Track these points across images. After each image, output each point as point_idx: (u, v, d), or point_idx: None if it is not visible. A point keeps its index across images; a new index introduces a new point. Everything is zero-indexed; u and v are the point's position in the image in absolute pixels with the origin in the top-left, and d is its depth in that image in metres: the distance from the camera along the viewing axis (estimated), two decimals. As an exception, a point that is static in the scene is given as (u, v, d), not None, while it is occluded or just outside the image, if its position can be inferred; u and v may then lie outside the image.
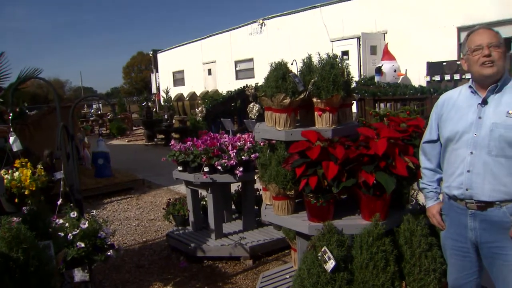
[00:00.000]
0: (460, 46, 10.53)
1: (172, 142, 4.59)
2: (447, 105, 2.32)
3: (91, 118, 21.16)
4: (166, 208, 5.18)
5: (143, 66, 51.46)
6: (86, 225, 2.89)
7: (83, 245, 2.74)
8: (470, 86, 2.23)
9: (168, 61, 24.44)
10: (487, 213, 2.13)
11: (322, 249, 2.49)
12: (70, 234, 2.82)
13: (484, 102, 2.14)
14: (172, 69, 24.07)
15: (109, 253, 2.93)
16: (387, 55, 11.77)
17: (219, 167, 4.13)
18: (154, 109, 19.98)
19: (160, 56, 25.52)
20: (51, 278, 2.22)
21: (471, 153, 2.13)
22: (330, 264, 2.44)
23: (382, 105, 9.20)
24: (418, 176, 2.63)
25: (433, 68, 10.57)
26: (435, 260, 2.56)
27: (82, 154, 7.50)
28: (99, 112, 22.38)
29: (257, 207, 4.76)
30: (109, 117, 19.55)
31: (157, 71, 25.87)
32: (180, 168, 4.48)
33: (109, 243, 2.89)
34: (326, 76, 2.65)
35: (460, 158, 2.18)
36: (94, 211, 3.13)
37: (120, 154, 12.03)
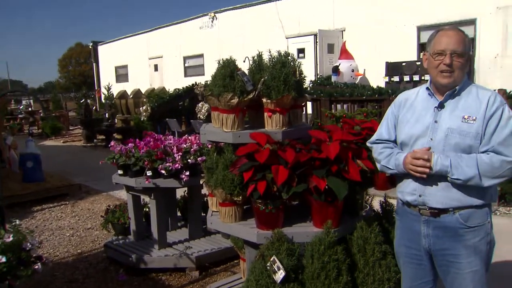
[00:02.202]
0: (420, 46, 11.01)
1: (112, 143, 4.48)
2: (403, 107, 2.37)
3: (20, 116, 20.22)
4: (104, 215, 5.04)
5: (82, 59, 49.91)
6: (11, 238, 2.74)
7: (4, 259, 2.60)
8: (427, 88, 2.29)
9: (110, 55, 23.84)
10: (441, 220, 2.19)
11: (271, 259, 2.51)
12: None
13: (441, 106, 2.20)
14: (115, 64, 23.51)
15: (36, 267, 2.81)
16: (345, 54, 12.03)
17: (163, 171, 4.07)
18: (94, 107, 19.43)
19: (101, 49, 24.85)
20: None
21: None
22: (280, 275, 2.46)
23: (338, 106, 9.42)
24: (376, 182, 2.70)
25: (392, 68, 10.95)
26: (390, 269, 2.62)
27: (8, 155, 7.16)
28: (29, 109, 21.42)
29: (204, 214, 4.72)
30: (41, 114, 18.80)
31: (97, 65, 25.16)
32: (120, 172, 4.38)
33: (35, 255, 2.77)
34: (277, 75, 2.67)
35: None
36: (17, 220, 2.98)
37: (54, 156, 11.61)
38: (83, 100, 17.79)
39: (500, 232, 4.91)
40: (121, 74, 23.20)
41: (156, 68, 20.38)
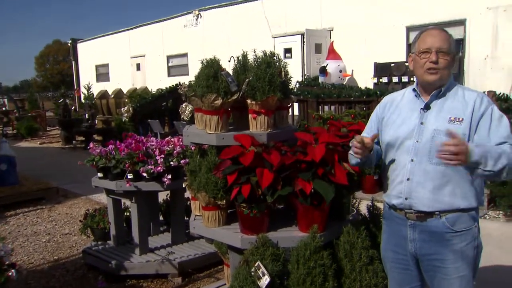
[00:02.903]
0: (409, 46, 11.13)
1: (91, 145, 4.44)
2: (389, 108, 2.40)
3: (-7, 116, 19.95)
4: (83, 220, 4.99)
5: (60, 57, 49.40)
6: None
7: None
8: (414, 89, 2.32)
9: (90, 53, 23.64)
10: (427, 224, 2.22)
11: (256, 264, 2.51)
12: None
13: (427, 107, 2.23)
14: (95, 62, 23.33)
15: (10, 274, 2.78)
16: (333, 54, 12.12)
17: (145, 174, 4.06)
18: (73, 107, 19.24)
19: (81, 47, 24.64)
20: None
21: (412, 160, 2.21)
22: (265, 281, 2.47)
23: (326, 107, 9.48)
24: (364, 185, 2.72)
25: (381, 69, 11.05)
26: (377, 275, 2.64)
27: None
28: (3, 109, 21.12)
29: (187, 218, 4.73)
30: (16, 114, 18.56)
31: (76, 64, 24.93)
32: (100, 174, 4.35)
33: (7, 262, 2.73)
34: (262, 75, 2.68)
35: (401, 165, 2.26)
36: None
37: (30, 158, 11.48)
38: (61, 99, 17.56)
39: (489, 237, 5.02)
40: (102, 73, 23.02)
41: (138, 67, 20.27)
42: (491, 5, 9.92)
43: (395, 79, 10.64)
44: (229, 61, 2.96)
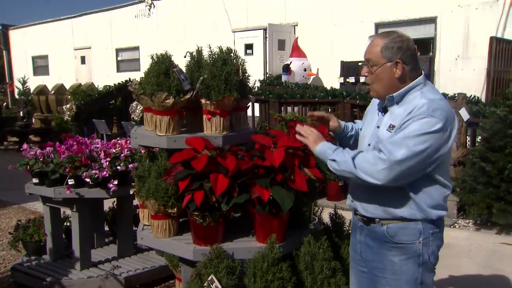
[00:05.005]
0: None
1: (24, 146, 4.33)
2: (371, 105, 2.51)
3: None
4: (14, 232, 4.86)
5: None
6: None
7: None
8: None
9: (26, 42, 22.96)
10: (371, 229, 2.33)
11: (209, 278, 2.53)
12: None
13: (384, 110, 2.32)
14: (32, 53, 22.71)
15: None
16: (297, 51, 12.25)
17: (88, 180, 4.00)
18: (5, 103, 18.64)
19: (14, 34, 23.85)
20: None
21: None
22: (218, 295, 2.49)
23: (289, 108, 9.59)
24: (328, 192, 2.79)
25: (348, 68, 11.28)
26: (339, 288, 2.72)
27: None
28: None
29: (136, 228, 4.69)
30: None
31: (9, 54, 24.16)
32: (35, 180, 4.25)
33: None
34: (217, 73, 2.71)
35: None
36: None
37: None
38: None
39: (458, 247, 5.22)
40: (40, 66, 22.43)
41: (83, 60, 19.88)
42: (463, 3, 10.31)
43: (362, 79, 10.85)
44: (185, 57, 2.98)
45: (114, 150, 4.20)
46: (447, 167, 2.28)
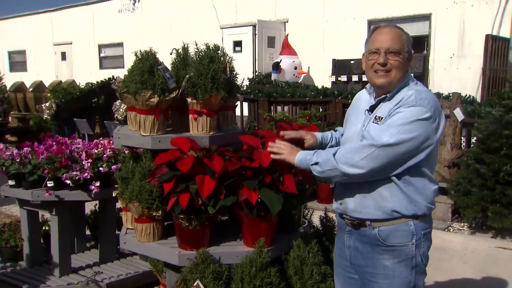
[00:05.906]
0: (371, 43, 11.48)
1: (0, 146, 4.31)
2: (353, 105, 2.55)
3: None
4: (-13, 237, 4.82)
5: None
6: None
7: None
8: (368, 89, 2.45)
9: (2, 36, 22.81)
10: (361, 233, 2.34)
11: (195, 284, 2.53)
12: None
13: (372, 110, 2.35)
14: (8, 48, 22.58)
15: None
16: (287, 48, 12.29)
17: (68, 181, 3.98)
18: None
19: (-12, 28, 23.73)
20: None
21: None
22: (204, 302, 2.50)
23: (279, 108, 9.61)
24: (318, 194, 2.80)
25: (339, 66, 11.32)
26: (330, 293, 2.73)
27: None
28: None
29: (119, 233, 4.67)
30: None
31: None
32: (11, 182, 4.22)
33: None
34: (204, 71, 2.71)
35: None
36: None
37: None
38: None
39: (453, 251, 5.27)
40: (17, 62, 22.31)
41: (63, 56, 19.79)
42: (458, -1, 10.40)
43: (354, 78, 10.92)
44: (171, 54, 2.98)
45: (96, 151, 4.19)
46: (434, 163, 2.33)
